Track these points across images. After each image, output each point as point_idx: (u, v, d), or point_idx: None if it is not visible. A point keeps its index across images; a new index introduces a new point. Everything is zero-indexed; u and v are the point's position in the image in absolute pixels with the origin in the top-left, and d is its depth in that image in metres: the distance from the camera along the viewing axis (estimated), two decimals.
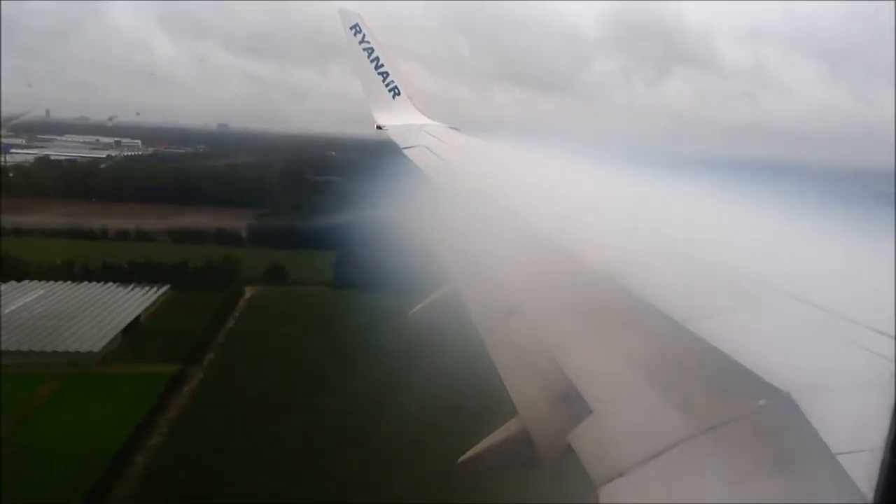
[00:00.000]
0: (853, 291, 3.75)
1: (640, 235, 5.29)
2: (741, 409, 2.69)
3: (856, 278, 4.13)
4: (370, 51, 17.24)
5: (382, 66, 17.37)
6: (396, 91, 17.40)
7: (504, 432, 3.96)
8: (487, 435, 4.21)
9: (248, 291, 71.88)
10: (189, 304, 65.11)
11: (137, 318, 60.86)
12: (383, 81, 17.34)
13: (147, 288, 67.62)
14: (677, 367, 3.19)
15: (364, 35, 17.13)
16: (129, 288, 67.27)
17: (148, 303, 64.82)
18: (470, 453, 4.18)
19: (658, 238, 5.07)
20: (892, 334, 2.91)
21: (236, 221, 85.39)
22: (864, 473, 2.06)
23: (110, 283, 67.72)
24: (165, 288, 68.37)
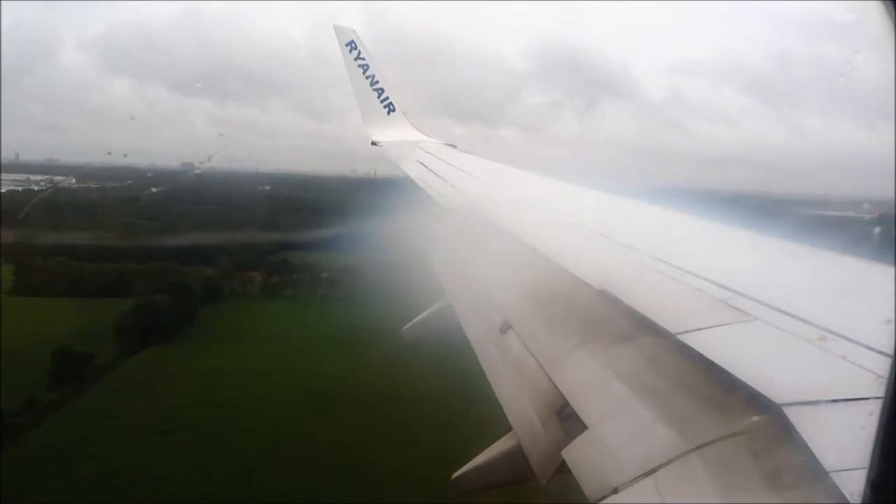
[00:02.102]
0: (842, 307, 3.77)
1: (633, 252, 5.31)
2: (735, 425, 2.69)
3: (844, 294, 4.15)
4: (365, 67, 17.33)
5: (378, 82, 17.46)
6: (391, 107, 17.48)
7: (498, 448, 3.96)
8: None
9: None
10: None
11: None
12: (378, 98, 17.41)
13: None
14: (671, 384, 3.20)
15: (360, 52, 17.22)
16: None
17: None
18: (464, 469, 4.17)
19: (650, 255, 5.09)
20: (882, 350, 2.92)
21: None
22: (858, 491, 2.07)
23: None
24: None
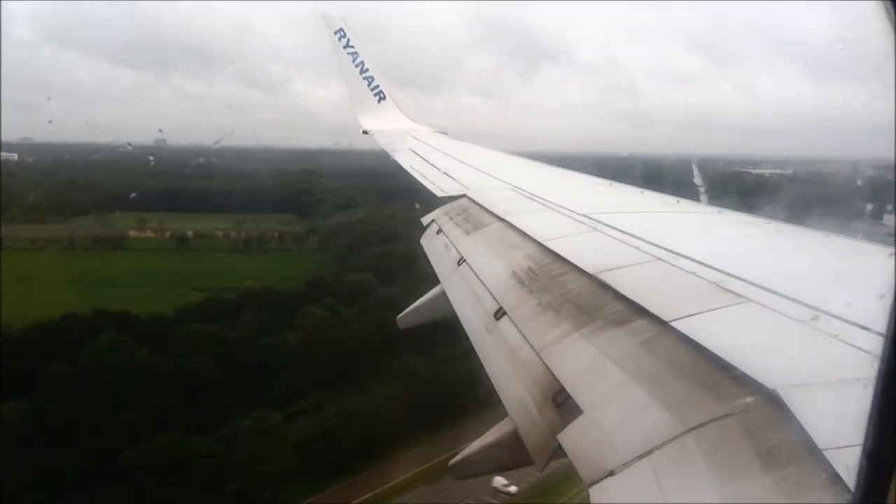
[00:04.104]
0: (834, 287, 3.79)
1: (626, 238, 5.31)
2: (729, 406, 2.71)
3: (835, 275, 4.18)
4: (355, 55, 17.13)
5: (367, 70, 17.28)
6: (382, 95, 17.31)
7: (494, 434, 3.97)
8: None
9: None
10: None
11: None
12: (368, 86, 17.24)
13: None
14: (665, 366, 3.21)
15: (348, 39, 17.02)
16: None
17: None
18: (461, 455, 4.19)
19: (644, 239, 5.10)
20: (874, 329, 2.94)
21: None
22: (852, 469, 2.08)
23: None
24: None
